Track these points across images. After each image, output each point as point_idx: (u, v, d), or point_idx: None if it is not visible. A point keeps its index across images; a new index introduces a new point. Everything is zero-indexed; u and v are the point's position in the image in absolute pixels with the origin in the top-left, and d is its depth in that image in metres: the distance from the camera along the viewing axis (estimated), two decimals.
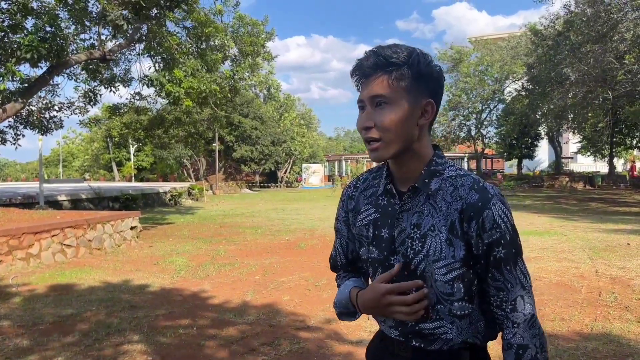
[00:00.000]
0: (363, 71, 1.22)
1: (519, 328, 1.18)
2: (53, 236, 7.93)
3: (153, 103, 14.60)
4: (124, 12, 9.92)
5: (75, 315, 4.95)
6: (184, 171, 41.77)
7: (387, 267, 1.26)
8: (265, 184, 40.07)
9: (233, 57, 14.29)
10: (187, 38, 12.50)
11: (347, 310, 1.37)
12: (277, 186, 40.33)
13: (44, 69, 10.36)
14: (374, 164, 1.35)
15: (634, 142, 33.64)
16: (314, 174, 41.17)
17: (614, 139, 32.26)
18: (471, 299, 1.22)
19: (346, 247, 1.44)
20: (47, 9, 9.40)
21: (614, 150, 33.94)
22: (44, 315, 4.95)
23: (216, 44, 13.08)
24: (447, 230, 1.19)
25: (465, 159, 46.26)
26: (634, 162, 38.69)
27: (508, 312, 1.19)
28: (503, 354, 1.22)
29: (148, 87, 11.89)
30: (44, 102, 12.70)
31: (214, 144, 32.85)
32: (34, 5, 9.34)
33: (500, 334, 1.26)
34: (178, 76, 10.75)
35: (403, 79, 1.18)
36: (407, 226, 1.23)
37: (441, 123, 37.98)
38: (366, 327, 4.41)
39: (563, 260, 7.46)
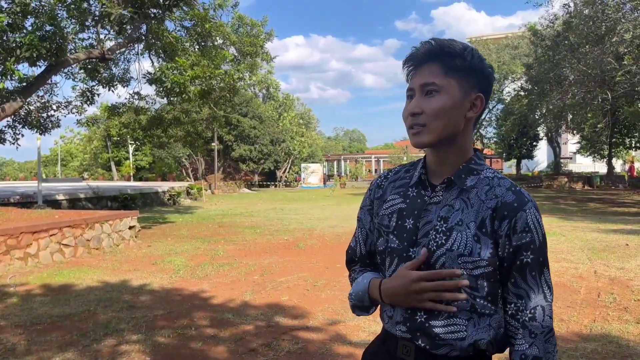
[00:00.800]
0: (416, 60, 1.23)
1: (536, 339, 1.15)
2: (51, 236, 7.91)
3: (152, 103, 14.60)
4: (124, 11, 9.91)
5: (73, 315, 4.93)
6: (183, 171, 41.76)
7: (405, 258, 1.23)
8: (264, 184, 40.07)
9: (232, 56, 14.29)
10: (187, 36, 12.51)
11: (361, 304, 1.33)
12: (276, 186, 40.33)
13: (42, 68, 10.34)
14: (373, 164, 1.34)
15: (633, 142, 33.67)
16: (313, 173, 41.18)
17: (613, 140, 32.25)
18: (495, 301, 1.18)
19: (366, 237, 1.41)
20: (45, 8, 9.39)
21: (612, 150, 33.96)
22: (41, 315, 4.93)
23: (217, 43, 13.09)
24: (477, 227, 1.17)
25: None
26: (632, 162, 38.74)
27: (526, 321, 1.16)
28: None
29: (150, 84, 11.88)
30: (41, 101, 12.68)
31: (212, 144, 32.82)
32: (34, 4, 9.32)
33: (507, 349, 1.21)
34: (182, 65, 10.76)
35: (456, 69, 1.19)
36: (433, 218, 1.21)
37: None
38: (365, 327, 4.41)
39: (562, 261, 7.46)
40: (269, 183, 40.31)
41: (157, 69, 11.20)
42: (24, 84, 10.60)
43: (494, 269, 1.17)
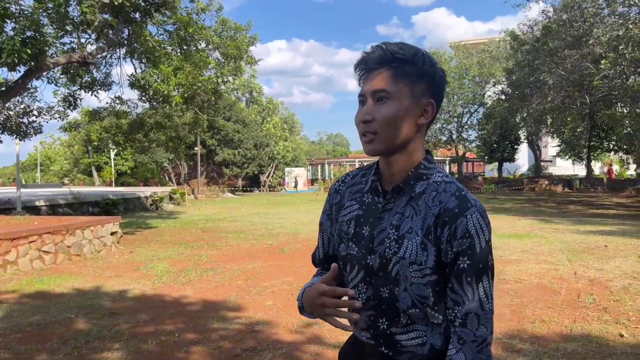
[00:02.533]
0: (367, 65, 1.21)
1: (464, 346, 1.13)
2: (30, 242, 7.77)
3: (134, 107, 14.45)
4: (105, 15, 9.81)
5: (54, 322, 4.86)
6: (165, 175, 41.36)
7: (364, 265, 1.24)
8: (248, 188, 39.89)
9: (216, 60, 14.24)
10: (170, 39, 12.43)
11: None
12: (260, 190, 40.19)
13: (22, 72, 10.18)
14: (357, 167, 1.36)
15: (611, 145, 34.31)
16: (297, 177, 41.18)
17: (592, 143, 32.85)
18: (441, 311, 1.18)
19: (327, 242, 1.42)
20: (25, 13, 9.26)
21: (591, 153, 34.56)
22: (21, 323, 4.85)
23: (200, 47, 13.03)
24: (423, 234, 1.17)
25: (447, 163, 46.75)
26: (610, 165, 39.46)
27: (457, 327, 1.14)
28: None
29: (133, 89, 11.76)
30: (22, 106, 12.47)
31: (195, 148, 32.59)
32: (13, 8, 9.19)
33: None
34: (166, 72, 10.67)
35: (407, 75, 1.18)
36: (387, 226, 1.22)
37: None
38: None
39: (543, 263, 7.57)
40: (252, 188, 40.15)
41: (140, 76, 11.09)
42: (3, 88, 10.43)
43: (438, 277, 1.16)
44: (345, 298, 1.25)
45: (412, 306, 1.18)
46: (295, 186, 40.34)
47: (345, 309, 1.20)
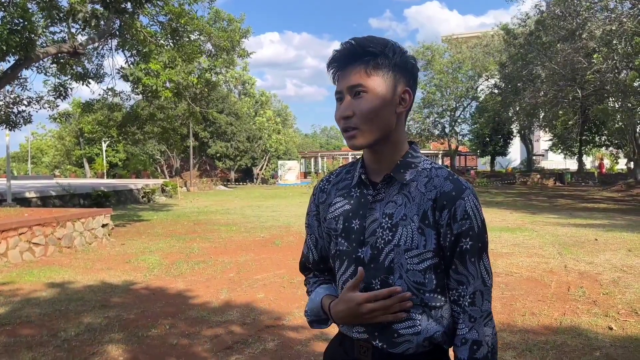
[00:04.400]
0: (340, 62, 1.23)
1: (475, 323, 1.18)
2: (20, 234, 7.71)
3: (126, 99, 14.33)
4: (96, 5, 9.70)
5: (44, 315, 4.83)
6: (157, 168, 41.17)
7: (354, 259, 1.24)
8: (241, 181, 39.82)
9: (209, 52, 14.15)
10: (162, 30, 12.32)
11: (318, 318, 1.34)
12: (252, 183, 40.14)
13: (11, 62, 10.07)
14: (350, 160, 1.35)
15: (602, 140, 34.51)
16: (290, 170, 41.14)
17: (583, 137, 33.04)
18: (443, 291, 1.20)
19: (316, 243, 1.41)
20: (14, 1, 9.13)
21: (583, 148, 34.75)
22: (10, 315, 4.82)
23: (193, 38, 12.93)
24: (419, 219, 1.18)
25: (440, 156, 46.88)
26: (602, 159, 39.72)
27: (465, 306, 1.18)
28: (454, 350, 1.20)
29: (125, 80, 11.67)
30: (11, 96, 12.33)
31: (188, 140, 32.45)
32: None
33: None
34: (155, 68, 10.58)
35: (380, 67, 1.20)
36: (379, 216, 1.22)
37: (415, 120, 38.35)
38: None
39: (533, 256, 7.62)
40: (245, 180, 40.08)
41: (129, 71, 10.97)
42: None
43: (439, 259, 1.19)
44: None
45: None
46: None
47: (396, 303, 1.18)
